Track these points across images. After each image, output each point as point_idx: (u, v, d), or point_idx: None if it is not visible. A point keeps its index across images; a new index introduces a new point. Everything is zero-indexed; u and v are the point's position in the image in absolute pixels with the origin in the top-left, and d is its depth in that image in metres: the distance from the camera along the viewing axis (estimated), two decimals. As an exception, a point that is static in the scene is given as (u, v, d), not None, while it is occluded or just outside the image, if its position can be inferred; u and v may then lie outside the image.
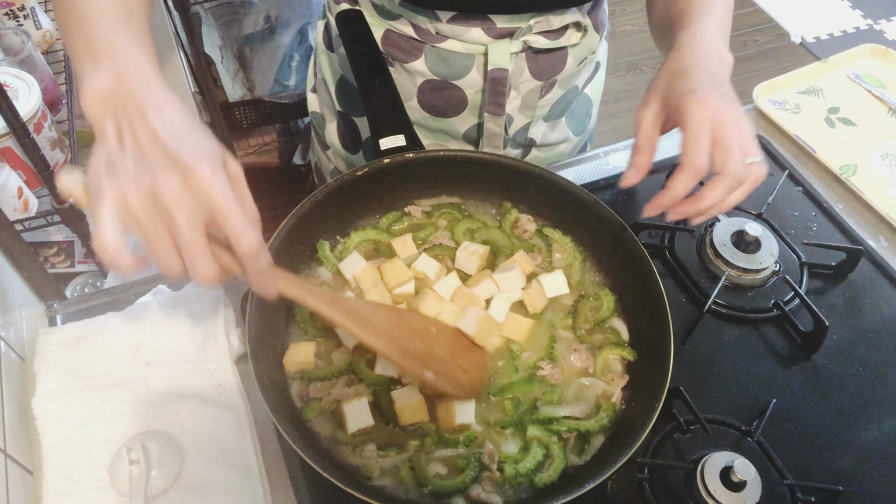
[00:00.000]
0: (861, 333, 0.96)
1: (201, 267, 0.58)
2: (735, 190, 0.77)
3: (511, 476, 0.75)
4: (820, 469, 0.83)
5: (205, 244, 0.58)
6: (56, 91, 1.50)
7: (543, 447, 0.77)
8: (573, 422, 0.79)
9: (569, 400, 0.82)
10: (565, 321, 0.88)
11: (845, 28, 3.45)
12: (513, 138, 1.12)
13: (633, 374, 0.83)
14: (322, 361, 0.83)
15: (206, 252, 0.58)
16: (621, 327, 0.87)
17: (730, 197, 0.77)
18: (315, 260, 0.90)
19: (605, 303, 0.89)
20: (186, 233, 0.57)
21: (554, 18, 0.99)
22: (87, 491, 0.76)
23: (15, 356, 0.85)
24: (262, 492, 0.78)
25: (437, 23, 0.98)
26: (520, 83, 1.04)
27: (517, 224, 0.95)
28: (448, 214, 0.96)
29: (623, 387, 0.82)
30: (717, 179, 0.77)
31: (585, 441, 0.79)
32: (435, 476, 0.75)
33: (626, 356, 0.84)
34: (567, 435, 0.79)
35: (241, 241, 0.59)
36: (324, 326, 0.85)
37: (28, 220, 1.29)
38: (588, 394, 0.82)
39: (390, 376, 0.81)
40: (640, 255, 0.85)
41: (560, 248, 0.94)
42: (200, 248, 0.58)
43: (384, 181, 0.92)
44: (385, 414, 0.78)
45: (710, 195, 0.77)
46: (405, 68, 1.04)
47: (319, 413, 0.78)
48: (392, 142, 0.90)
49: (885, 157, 1.19)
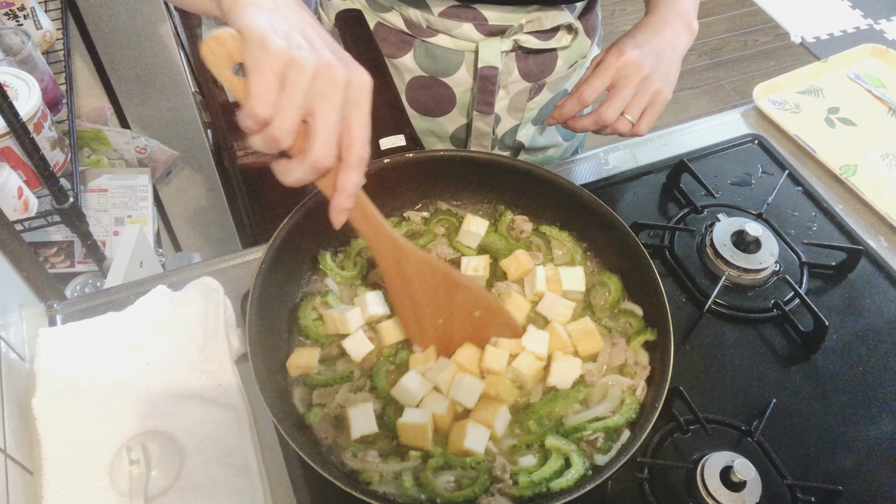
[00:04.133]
0: (861, 333, 0.96)
1: (325, 148, 0.59)
2: (602, 128, 0.94)
3: (526, 485, 0.72)
4: (820, 469, 0.83)
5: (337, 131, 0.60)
6: (56, 91, 1.50)
7: (563, 457, 0.75)
8: (600, 423, 0.77)
9: (597, 401, 0.80)
10: (584, 314, 0.87)
11: (845, 28, 3.45)
12: (501, 140, 1.12)
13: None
14: (325, 368, 0.82)
15: (335, 138, 0.60)
16: (634, 308, 0.87)
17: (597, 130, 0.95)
18: (318, 271, 0.90)
19: (611, 285, 0.88)
20: (332, 114, 0.59)
21: (545, 18, 0.99)
22: (87, 491, 0.76)
23: (15, 356, 0.85)
24: (262, 492, 0.77)
25: (429, 15, 0.98)
26: (509, 83, 1.04)
27: (513, 225, 0.95)
28: (445, 221, 0.96)
29: (647, 378, 0.81)
30: (589, 115, 0.94)
31: (613, 438, 0.76)
32: (443, 488, 0.72)
33: (648, 338, 0.83)
34: (594, 437, 0.76)
35: (358, 147, 0.61)
36: (326, 333, 0.84)
37: (28, 220, 1.29)
38: (613, 392, 0.80)
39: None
40: (639, 254, 0.85)
41: (559, 244, 0.94)
42: (333, 132, 0.59)
43: (384, 181, 0.92)
44: (389, 426, 0.77)
45: (579, 123, 0.96)
46: (393, 64, 1.04)
47: (322, 418, 0.77)
48: (392, 142, 0.90)
49: (885, 157, 1.19)
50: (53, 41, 1.54)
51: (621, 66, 0.91)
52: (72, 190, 1.33)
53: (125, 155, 1.82)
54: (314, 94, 0.58)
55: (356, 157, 0.62)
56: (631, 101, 0.92)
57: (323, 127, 0.59)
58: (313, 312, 0.86)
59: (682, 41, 0.96)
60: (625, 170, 1.14)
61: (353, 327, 0.83)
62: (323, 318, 0.85)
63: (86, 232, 1.39)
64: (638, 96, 0.92)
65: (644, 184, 1.12)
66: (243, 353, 0.88)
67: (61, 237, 1.56)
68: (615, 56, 0.91)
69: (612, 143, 1.19)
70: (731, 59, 3.42)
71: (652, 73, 0.91)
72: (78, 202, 1.32)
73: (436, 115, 1.08)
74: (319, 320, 0.86)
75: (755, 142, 1.20)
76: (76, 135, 1.48)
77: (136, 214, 1.69)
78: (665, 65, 0.93)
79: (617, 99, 0.91)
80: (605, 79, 0.91)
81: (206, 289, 0.91)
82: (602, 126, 0.93)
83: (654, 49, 0.92)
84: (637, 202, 1.10)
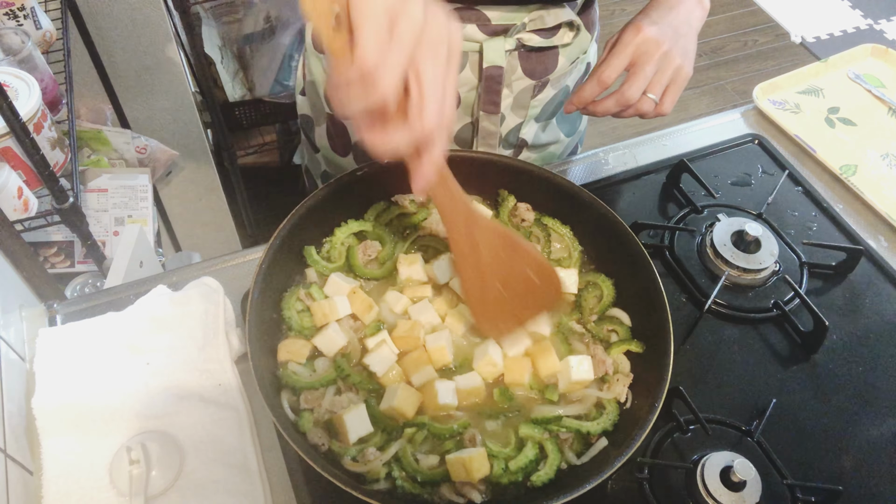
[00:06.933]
0: (861, 333, 0.96)
1: (436, 110, 0.56)
2: (624, 109, 0.91)
3: (498, 474, 0.73)
4: (820, 469, 0.83)
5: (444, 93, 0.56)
6: (56, 91, 1.49)
7: (537, 445, 0.76)
8: (574, 422, 0.78)
9: (568, 400, 0.81)
10: (573, 315, 0.88)
11: (845, 28, 3.45)
12: (505, 138, 1.12)
13: (634, 373, 0.83)
14: (306, 369, 0.81)
15: (444, 100, 0.56)
16: (622, 315, 0.87)
17: (619, 112, 0.92)
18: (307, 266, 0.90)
19: (604, 290, 0.89)
20: (440, 72, 0.55)
21: (548, 16, 0.99)
22: (87, 491, 0.76)
23: (15, 356, 0.85)
24: (262, 492, 0.77)
25: None
26: (512, 81, 1.04)
27: (515, 212, 0.95)
28: None
29: (629, 385, 0.81)
30: (610, 96, 0.91)
31: (586, 443, 0.78)
32: (427, 468, 0.74)
33: (633, 349, 0.83)
34: (566, 436, 0.78)
35: (449, 112, 0.57)
36: (312, 325, 0.84)
37: (28, 220, 1.29)
38: (588, 395, 0.81)
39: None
40: (639, 254, 0.85)
41: (558, 237, 0.94)
42: (443, 94, 0.56)
43: (384, 181, 0.92)
44: (378, 417, 0.77)
45: (600, 106, 0.92)
46: None
47: (314, 424, 0.77)
48: (392, 142, 0.90)
49: (885, 157, 1.19)
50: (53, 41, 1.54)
51: (640, 43, 0.88)
52: (72, 190, 1.32)
53: (125, 155, 1.82)
54: (423, 47, 0.54)
55: (447, 120, 0.58)
56: (653, 78, 0.89)
57: (432, 87, 0.54)
58: (298, 304, 0.85)
59: (696, 17, 0.94)
60: (625, 170, 1.14)
61: (343, 313, 0.83)
62: (310, 310, 0.85)
63: (86, 232, 1.39)
64: (660, 73, 0.90)
65: (644, 184, 1.12)
66: (243, 353, 0.88)
67: (61, 237, 1.56)
68: (632, 33, 0.89)
69: (612, 142, 1.19)
70: (731, 59, 3.42)
71: (671, 49, 0.89)
72: (78, 202, 1.32)
73: None
74: (305, 311, 0.85)
75: (755, 142, 1.20)
76: (76, 135, 1.48)
77: (136, 214, 1.69)
78: (683, 40, 0.91)
79: (639, 77, 0.88)
80: (623, 58, 0.89)
81: (206, 289, 0.91)
82: (625, 106, 0.90)
83: (670, 24, 0.90)
84: (637, 202, 1.10)
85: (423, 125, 0.55)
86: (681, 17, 0.92)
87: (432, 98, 0.55)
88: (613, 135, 2.99)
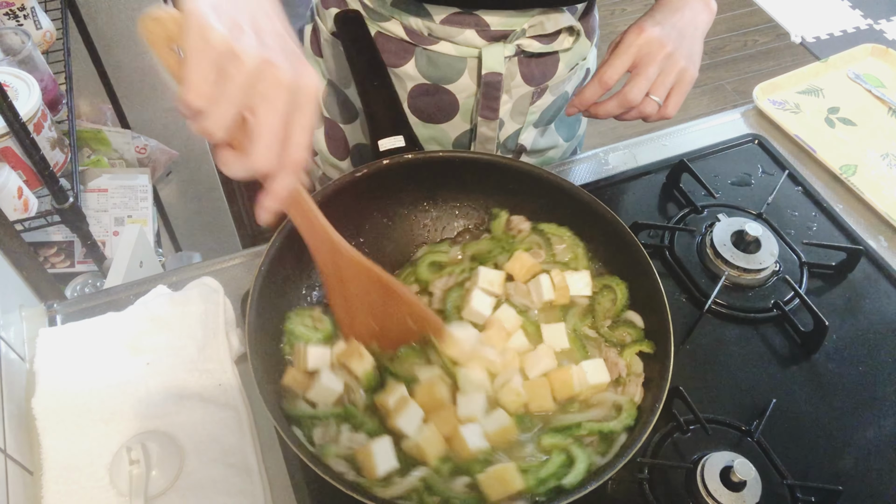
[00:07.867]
0: (861, 333, 0.96)
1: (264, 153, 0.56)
2: (626, 111, 0.90)
3: (533, 486, 0.71)
4: (820, 469, 0.83)
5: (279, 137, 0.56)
6: (56, 91, 1.50)
7: (563, 452, 0.74)
8: (595, 424, 0.76)
9: (586, 405, 0.80)
10: (585, 321, 0.86)
11: (845, 28, 3.45)
12: (503, 144, 1.12)
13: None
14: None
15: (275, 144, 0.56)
16: (635, 318, 0.86)
17: (622, 114, 0.91)
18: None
19: (618, 292, 0.87)
20: (273, 118, 0.55)
21: (548, 22, 0.98)
22: (87, 491, 0.76)
23: (15, 356, 0.85)
24: (262, 492, 0.78)
25: (430, 23, 0.98)
26: (512, 87, 1.03)
27: (510, 226, 0.94)
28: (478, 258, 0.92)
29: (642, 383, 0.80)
30: (612, 98, 0.90)
31: (609, 442, 0.76)
32: (461, 492, 0.71)
33: (645, 349, 0.82)
34: (589, 439, 0.76)
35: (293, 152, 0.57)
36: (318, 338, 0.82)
37: (28, 220, 1.29)
38: (605, 399, 0.80)
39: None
40: (639, 254, 0.84)
41: (559, 239, 0.92)
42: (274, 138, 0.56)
43: (383, 182, 0.91)
44: (403, 454, 0.74)
45: (602, 108, 0.91)
46: (395, 73, 1.02)
47: (336, 456, 0.74)
48: (391, 143, 0.90)
49: (885, 157, 1.19)
50: (53, 41, 1.55)
51: (643, 44, 0.87)
52: (72, 190, 1.33)
53: (125, 155, 1.82)
54: (255, 93, 0.55)
55: (291, 161, 0.58)
56: (656, 80, 0.89)
57: (263, 131, 0.55)
58: (308, 320, 0.83)
59: (702, 20, 0.94)
60: (624, 170, 1.14)
61: (313, 364, 0.78)
62: (293, 349, 0.80)
63: (86, 232, 1.39)
64: (663, 75, 0.88)
65: (644, 184, 1.12)
66: (243, 353, 0.88)
67: (61, 237, 1.56)
68: (635, 34, 0.88)
69: (612, 143, 1.19)
70: (731, 59, 3.42)
71: (675, 51, 0.88)
72: (78, 202, 1.33)
73: (438, 121, 1.08)
74: (314, 328, 0.83)
75: (755, 142, 1.20)
76: (76, 135, 1.48)
77: (136, 214, 1.69)
78: (688, 42, 0.90)
79: (641, 78, 0.87)
80: (626, 59, 0.88)
81: (206, 289, 0.91)
82: (627, 108, 0.89)
83: (674, 26, 0.89)
84: (637, 202, 1.10)
85: (254, 165, 0.56)
86: (686, 19, 0.91)
87: (261, 142, 0.56)
88: (613, 135, 2.98)
